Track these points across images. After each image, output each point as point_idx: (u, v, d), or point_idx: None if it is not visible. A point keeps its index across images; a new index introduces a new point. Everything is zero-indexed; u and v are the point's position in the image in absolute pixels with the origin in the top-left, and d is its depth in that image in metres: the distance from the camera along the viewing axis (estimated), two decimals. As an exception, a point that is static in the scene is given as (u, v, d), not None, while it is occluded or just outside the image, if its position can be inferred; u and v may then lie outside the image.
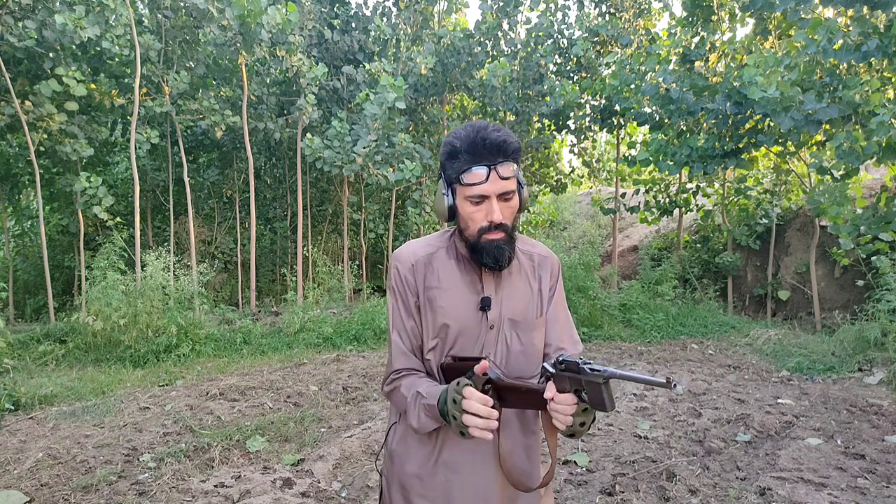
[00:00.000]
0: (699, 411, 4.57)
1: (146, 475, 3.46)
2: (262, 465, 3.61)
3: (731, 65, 8.46)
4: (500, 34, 10.35)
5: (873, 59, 6.16)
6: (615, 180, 11.69)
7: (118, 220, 8.37)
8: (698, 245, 10.89)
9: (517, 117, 10.54)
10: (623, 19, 10.47)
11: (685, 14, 8.90)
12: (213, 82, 10.20)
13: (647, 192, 10.53)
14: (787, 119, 6.41)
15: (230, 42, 8.70)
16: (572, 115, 10.42)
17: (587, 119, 10.70)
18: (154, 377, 5.90)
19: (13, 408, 4.81)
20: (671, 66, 8.64)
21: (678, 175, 10.35)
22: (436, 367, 1.37)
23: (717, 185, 10.50)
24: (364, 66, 10.15)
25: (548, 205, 15.46)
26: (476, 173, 1.27)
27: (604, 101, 10.22)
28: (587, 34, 10.32)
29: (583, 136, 11.21)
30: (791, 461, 3.53)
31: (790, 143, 7.76)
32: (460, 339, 1.36)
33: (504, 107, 10.10)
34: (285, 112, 10.55)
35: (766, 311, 9.53)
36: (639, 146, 10.10)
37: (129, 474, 3.49)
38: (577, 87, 9.68)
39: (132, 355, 6.55)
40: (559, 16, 10.54)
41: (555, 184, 12.38)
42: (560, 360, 1.17)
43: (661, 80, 8.22)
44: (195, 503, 3.11)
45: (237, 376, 5.76)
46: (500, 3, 10.04)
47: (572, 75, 10.70)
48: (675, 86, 7.97)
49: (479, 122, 1.32)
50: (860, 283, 8.24)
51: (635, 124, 10.05)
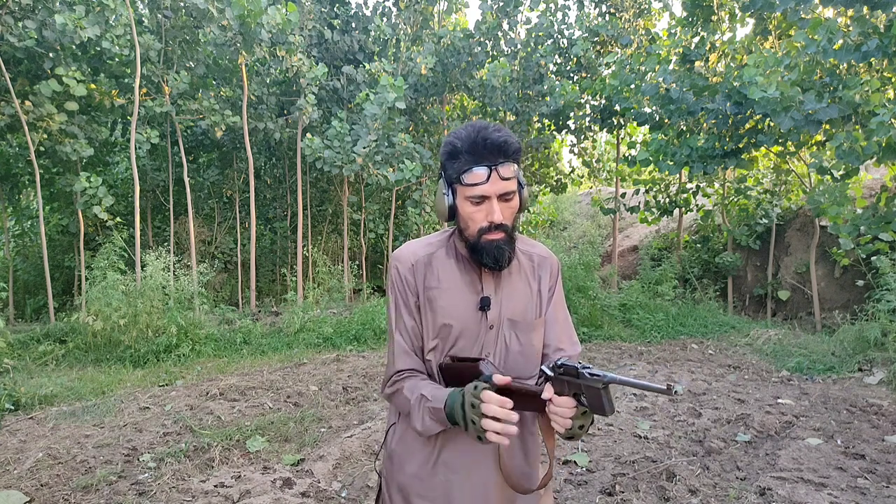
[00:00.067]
0: (699, 411, 4.57)
1: (146, 475, 3.46)
2: (262, 465, 3.61)
3: (731, 65, 8.46)
4: (500, 34, 10.34)
5: (873, 59, 6.16)
6: (615, 180, 11.70)
7: (118, 220, 8.37)
8: (698, 245, 10.89)
9: (517, 117, 10.54)
10: (623, 19, 10.47)
11: (685, 14, 8.90)
12: (213, 82, 10.20)
13: (647, 192, 10.53)
14: (787, 119, 6.41)
15: (230, 42, 8.70)
16: (572, 115, 10.42)
17: (587, 119, 10.71)
18: (154, 377, 5.90)
19: (13, 408, 4.81)
20: (671, 66, 8.64)
21: (678, 175, 10.35)
22: (436, 367, 1.37)
23: (717, 185, 10.50)
24: (364, 66, 10.15)
25: (548, 205, 15.46)
26: (477, 174, 1.27)
27: (604, 101, 10.22)
28: (587, 34, 10.32)
29: (583, 136, 11.21)
30: (791, 461, 3.53)
31: (790, 143, 7.76)
32: (460, 339, 1.36)
33: (504, 107, 10.10)
34: (285, 112, 10.55)
35: (766, 311, 9.53)
36: (639, 146, 10.10)
37: (129, 474, 3.49)
38: (577, 87, 9.68)
39: (132, 355, 6.55)
40: (559, 16, 10.54)
41: (555, 184, 12.38)
42: (559, 365, 1.16)
43: (661, 80, 8.22)
44: (195, 503, 3.11)
45: (237, 376, 5.76)
46: (500, 3, 10.03)
47: (572, 75, 10.70)
48: (675, 86, 7.97)
49: (479, 122, 1.32)
50: (860, 283, 8.24)
51: (635, 124, 10.05)
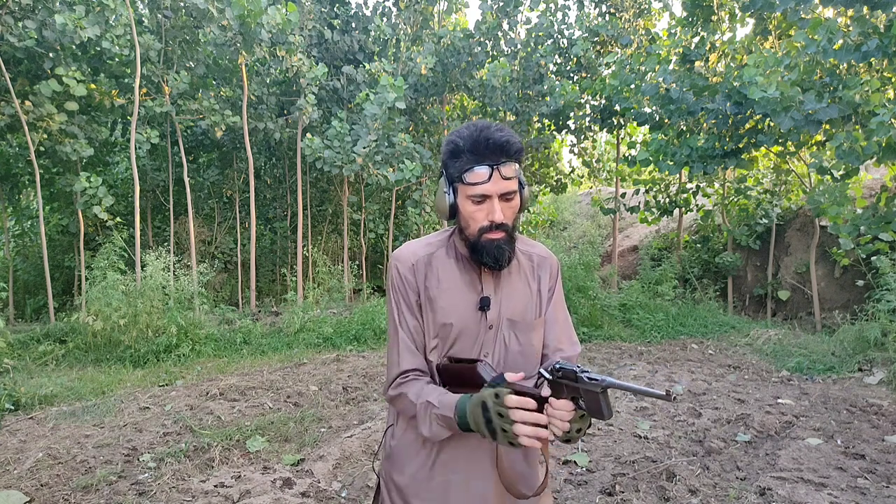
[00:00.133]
0: (699, 411, 4.57)
1: (146, 475, 3.46)
2: (262, 465, 3.61)
3: (731, 65, 8.46)
4: (500, 34, 10.34)
5: (873, 59, 6.16)
6: (615, 180, 11.69)
7: (118, 220, 8.37)
8: (698, 245, 10.89)
9: (517, 117, 10.54)
10: (623, 19, 10.47)
11: (685, 14, 8.90)
12: (213, 82, 10.20)
13: (647, 192, 10.53)
14: (787, 119, 6.41)
15: (230, 42, 8.70)
16: (572, 115, 10.42)
17: (587, 119, 10.71)
18: (154, 377, 5.90)
19: (13, 408, 4.81)
20: (671, 66, 8.64)
21: (678, 175, 10.35)
22: (434, 368, 1.37)
23: (717, 185, 10.50)
24: (364, 66, 10.15)
25: (548, 205, 15.46)
26: (478, 173, 1.27)
27: (604, 101, 10.22)
28: (587, 34, 10.32)
29: (583, 136, 11.21)
30: (791, 461, 3.53)
31: (790, 143, 7.76)
32: (460, 339, 1.36)
33: (504, 107, 10.10)
34: (285, 112, 10.54)
35: (766, 311, 9.53)
36: (639, 146, 10.10)
37: (129, 474, 3.49)
38: (577, 87, 9.67)
39: (132, 355, 6.55)
40: (559, 16, 10.54)
41: (555, 184, 12.38)
42: (557, 368, 1.15)
43: (661, 80, 8.22)
44: (195, 503, 3.11)
45: (237, 376, 5.76)
46: (500, 3, 10.03)
47: (572, 75, 10.70)
48: (675, 86, 7.97)
49: (481, 121, 1.32)
50: (860, 283, 8.24)
51: (635, 124, 10.05)
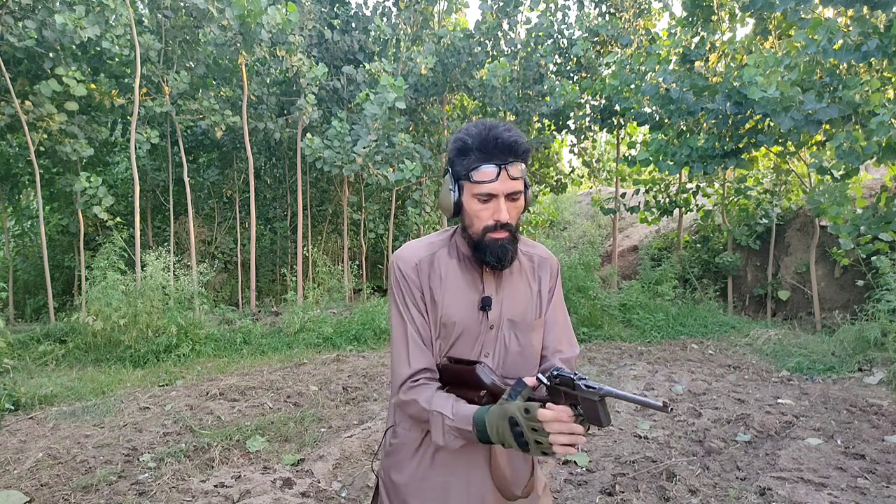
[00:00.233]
0: (699, 411, 4.57)
1: (146, 475, 3.46)
2: (262, 465, 3.61)
3: (731, 65, 8.45)
4: (500, 34, 10.34)
5: (873, 59, 6.16)
6: (615, 180, 11.69)
7: (118, 220, 8.37)
8: (698, 245, 10.89)
9: (517, 117, 10.54)
10: (623, 19, 10.47)
11: (685, 14, 8.89)
12: (213, 82, 10.19)
13: (647, 192, 10.53)
14: (787, 119, 6.40)
15: (230, 42, 8.70)
16: (572, 115, 10.42)
17: (587, 119, 10.70)
18: (154, 377, 5.90)
19: (13, 408, 4.81)
20: (671, 66, 8.64)
21: (678, 175, 10.35)
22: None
23: (717, 185, 10.50)
24: (364, 66, 10.15)
25: (548, 205, 15.46)
26: (486, 171, 1.27)
27: (604, 101, 10.22)
28: (587, 34, 10.32)
29: (583, 136, 11.21)
30: (791, 461, 3.53)
31: (790, 143, 7.76)
32: (460, 338, 1.36)
33: (504, 107, 10.09)
34: (285, 112, 10.54)
35: (766, 311, 9.52)
36: (639, 146, 10.10)
37: (129, 474, 3.49)
38: (577, 87, 9.67)
39: (132, 355, 6.55)
40: (559, 16, 10.54)
41: (555, 184, 12.38)
42: (555, 375, 1.14)
43: (661, 80, 8.22)
44: (195, 503, 3.11)
45: (237, 376, 5.76)
46: (500, 3, 10.03)
47: (572, 75, 10.69)
48: (675, 86, 7.97)
49: (490, 120, 1.32)
50: (860, 283, 8.24)
51: (635, 124, 10.05)
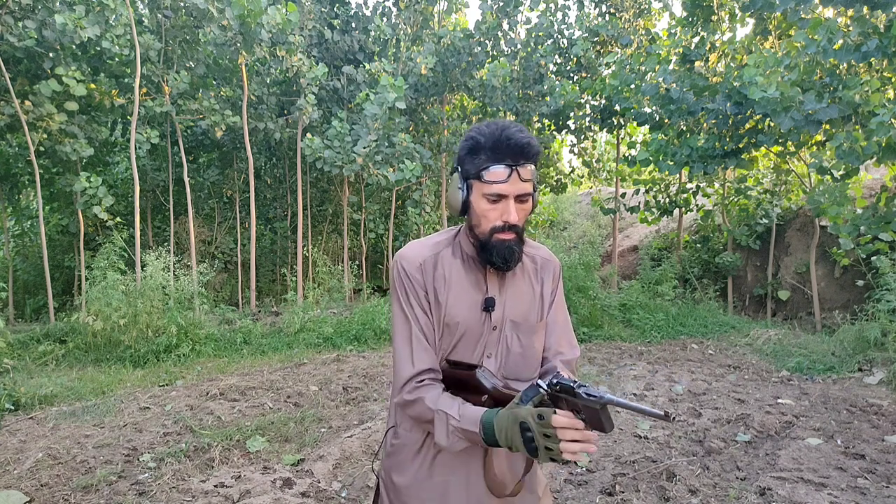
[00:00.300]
0: (699, 411, 4.57)
1: (146, 475, 3.46)
2: (262, 465, 3.61)
3: (731, 65, 8.45)
4: (500, 34, 10.34)
5: (873, 59, 6.16)
6: (615, 180, 11.69)
7: (118, 220, 8.37)
8: (698, 245, 10.89)
9: (517, 117, 10.53)
10: (623, 19, 10.47)
11: (685, 14, 8.89)
12: (213, 82, 10.19)
13: (647, 192, 10.53)
14: (787, 119, 6.40)
15: (230, 42, 8.70)
16: (572, 115, 10.42)
17: (587, 119, 10.71)
18: (154, 377, 5.90)
19: (13, 408, 4.81)
20: (671, 66, 8.64)
21: (678, 175, 10.35)
22: None
23: (717, 185, 10.50)
24: (364, 66, 10.14)
25: (548, 205, 15.47)
26: (497, 172, 1.26)
27: (604, 101, 10.22)
28: (587, 34, 10.32)
29: (583, 136, 11.22)
30: (791, 461, 3.53)
31: (790, 143, 7.76)
32: (463, 339, 1.36)
33: (504, 107, 10.09)
34: (285, 112, 10.54)
35: (766, 311, 9.52)
36: (639, 146, 10.09)
37: (129, 474, 3.49)
38: (577, 87, 9.67)
39: (132, 355, 6.55)
40: (559, 16, 10.54)
41: (555, 184, 12.39)
42: (555, 383, 1.13)
43: (661, 80, 8.22)
44: (195, 503, 3.11)
45: (237, 376, 5.76)
46: (500, 3, 10.03)
47: (572, 75, 10.70)
48: (675, 86, 7.97)
49: (502, 120, 1.31)
50: (860, 283, 8.24)
51: (635, 124, 10.05)
